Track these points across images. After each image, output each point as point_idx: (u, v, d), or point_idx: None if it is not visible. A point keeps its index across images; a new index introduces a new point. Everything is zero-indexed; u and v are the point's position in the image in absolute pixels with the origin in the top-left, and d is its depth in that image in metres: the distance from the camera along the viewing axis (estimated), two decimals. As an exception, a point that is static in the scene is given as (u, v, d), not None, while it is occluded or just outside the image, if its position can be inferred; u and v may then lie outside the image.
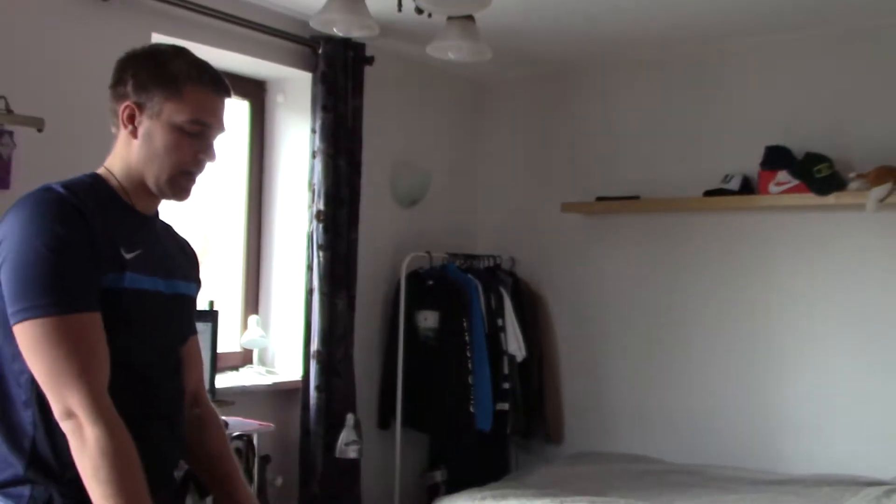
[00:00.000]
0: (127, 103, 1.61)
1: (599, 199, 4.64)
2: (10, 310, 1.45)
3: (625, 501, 3.58)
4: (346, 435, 3.65)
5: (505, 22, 3.97)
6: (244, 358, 4.10)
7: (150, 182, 1.63)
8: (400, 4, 2.91)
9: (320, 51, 3.93)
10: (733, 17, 4.01)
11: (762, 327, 4.30)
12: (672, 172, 4.53)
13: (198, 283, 1.85)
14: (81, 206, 1.52)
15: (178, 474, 1.69)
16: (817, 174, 3.92)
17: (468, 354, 4.36)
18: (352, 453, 3.66)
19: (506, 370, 4.53)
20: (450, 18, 3.11)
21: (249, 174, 4.20)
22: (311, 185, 3.93)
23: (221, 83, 1.66)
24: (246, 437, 3.28)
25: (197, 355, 1.85)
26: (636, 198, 4.54)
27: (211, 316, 3.40)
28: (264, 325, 4.11)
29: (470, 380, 4.34)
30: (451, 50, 3.26)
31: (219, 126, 1.65)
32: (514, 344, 4.58)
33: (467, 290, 4.47)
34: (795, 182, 4.01)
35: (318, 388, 3.87)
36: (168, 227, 1.83)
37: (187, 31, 3.53)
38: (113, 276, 1.53)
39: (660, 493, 3.78)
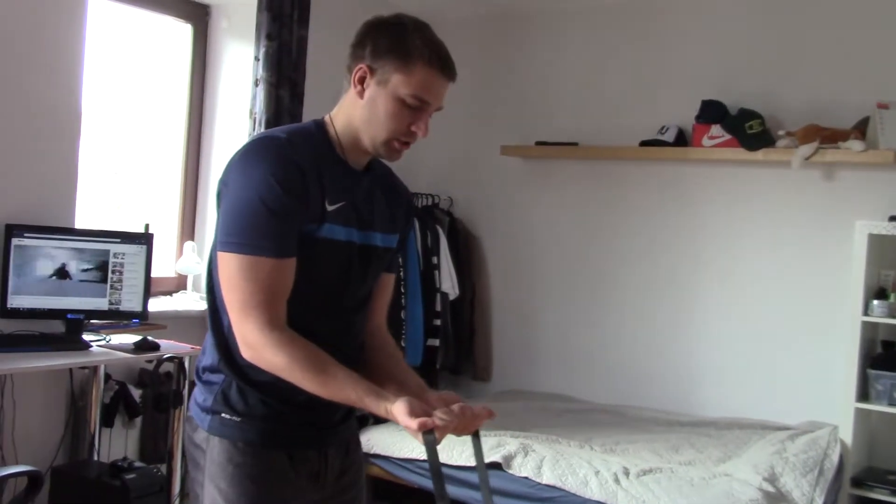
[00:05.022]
0: (361, 65, 1.72)
1: (539, 143, 4.71)
2: (219, 238, 1.68)
3: (545, 436, 3.72)
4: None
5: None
6: (178, 283, 4.11)
7: (366, 141, 1.75)
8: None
9: (267, -23, 3.87)
10: (679, -29, 4.06)
11: (686, 276, 4.45)
12: (611, 121, 4.61)
13: (402, 232, 1.95)
14: (299, 158, 1.69)
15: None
16: (749, 130, 4.05)
17: (402, 290, 4.43)
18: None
19: (438, 307, 4.62)
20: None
21: (190, 99, 4.15)
22: (252, 113, 3.90)
23: (450, 68, 1.75)
24: (177, 360, 3.31)
25: (385, 290, 1.97)
26: (574, 144, 4.62)
27: (146, 239, 3.40)
28: (200, 252, 4.11)
29: (402, 315, 4.42)
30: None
31: (437, 105, 1.76)
32: (448, 282, 4.66)
33: (404, 226, 4.52)
34: (728, 136, 4.13)
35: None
36: (384, 178, 1.92)
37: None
38: (312, 226, 1.70)
39: (579, 430, 3.93)
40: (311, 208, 1.69)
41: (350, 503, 1.90)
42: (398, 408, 1.59)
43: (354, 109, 1.75)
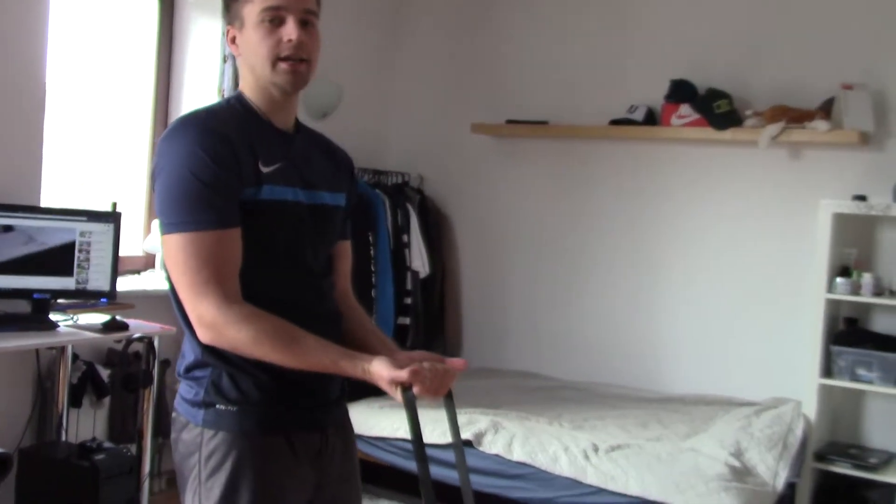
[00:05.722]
0: (228, 28, 1.76)
1: (509, 121, 4.71)
2: (160, 222, 1.65)
3: (515, 414, 3.75)
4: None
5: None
6: (146, 262, 4.07)
7: (266, 85, 1.73)
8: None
9: (235, -48, 3.82)
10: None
11: (654, 254, 4.49)
12: (581, 100, 4.63)
13: (349, 193, 1.91)
14: (224, 128, 1.67)
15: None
16: (717, 109, 4.08)
17: (372, 268, 4.43)
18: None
19: (409, 286, 4.62)
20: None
21: (157, 75, 4.10)
22: (220, 90, 3.86)
23: None
24: (147, 340, 3.29)
25: (344, 257, 1.94)
26: (545, 122, 4.62)
27: (113, 218, 3.36)
28: (168, 230, 4.07)
29: (373, 293, 4.42)
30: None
31: (296, 8, 1.69)
32: (419, 260, 4.66)
33: (374, 204, 4.51)
34: (696, 116, 4.16)
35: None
36: (319, 140, 1.91)
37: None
38: (250, 191, 1.66)
39: (549, 407, 3.97)
40: (244, 174, 1.65)
41: (348, 493, 1.87)
42: (378, 365, 1.57)
43: (245, 68, 1.75)
